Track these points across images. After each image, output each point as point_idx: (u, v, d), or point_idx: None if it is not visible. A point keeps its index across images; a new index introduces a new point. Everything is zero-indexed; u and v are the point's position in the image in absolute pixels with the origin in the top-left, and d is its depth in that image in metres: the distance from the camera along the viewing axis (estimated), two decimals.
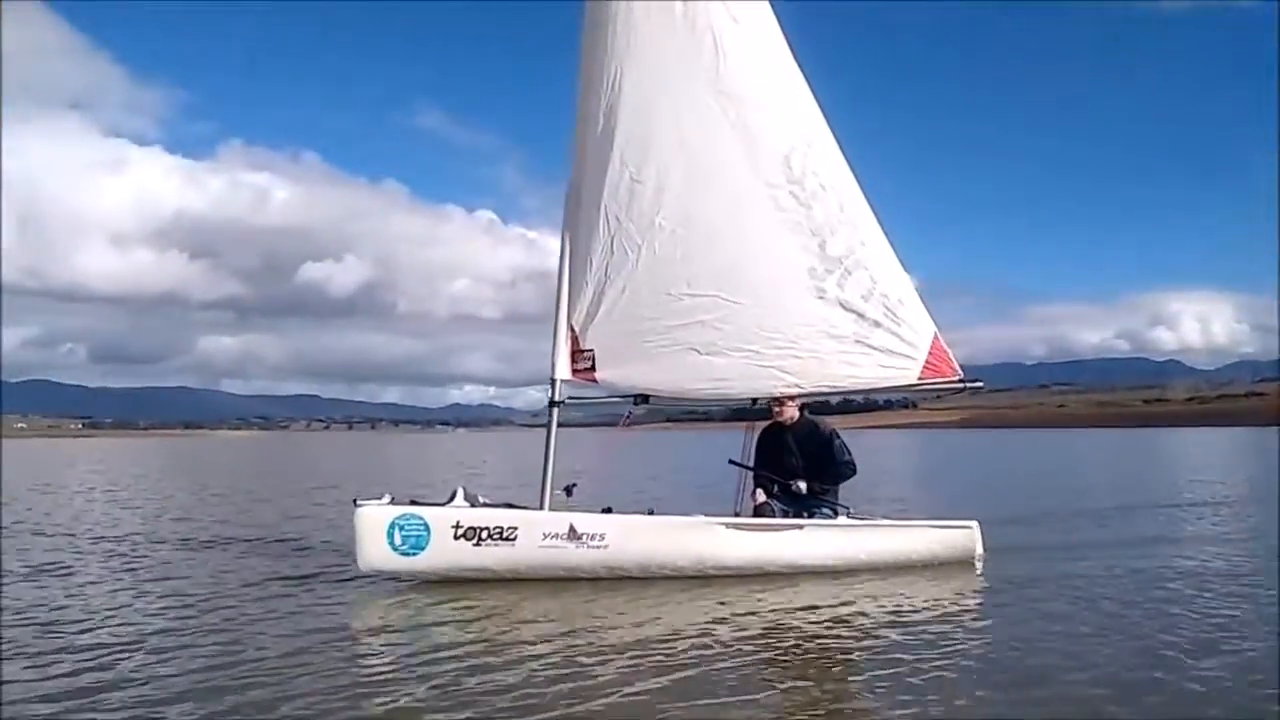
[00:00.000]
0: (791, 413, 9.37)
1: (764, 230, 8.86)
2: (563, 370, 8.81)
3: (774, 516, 9.04)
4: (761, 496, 9.19)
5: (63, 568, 9.60)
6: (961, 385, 9.11)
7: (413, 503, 8.21)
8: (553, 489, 8.53)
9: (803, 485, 9.15)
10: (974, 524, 9.31)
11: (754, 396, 9.11)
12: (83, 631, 6.76)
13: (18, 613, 7.35)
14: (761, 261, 8.86)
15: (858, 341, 8.90)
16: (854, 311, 8.91)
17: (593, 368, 8.81)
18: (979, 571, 9.04)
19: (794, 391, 8.96)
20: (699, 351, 8.79)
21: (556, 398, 8.79)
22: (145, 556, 10.37)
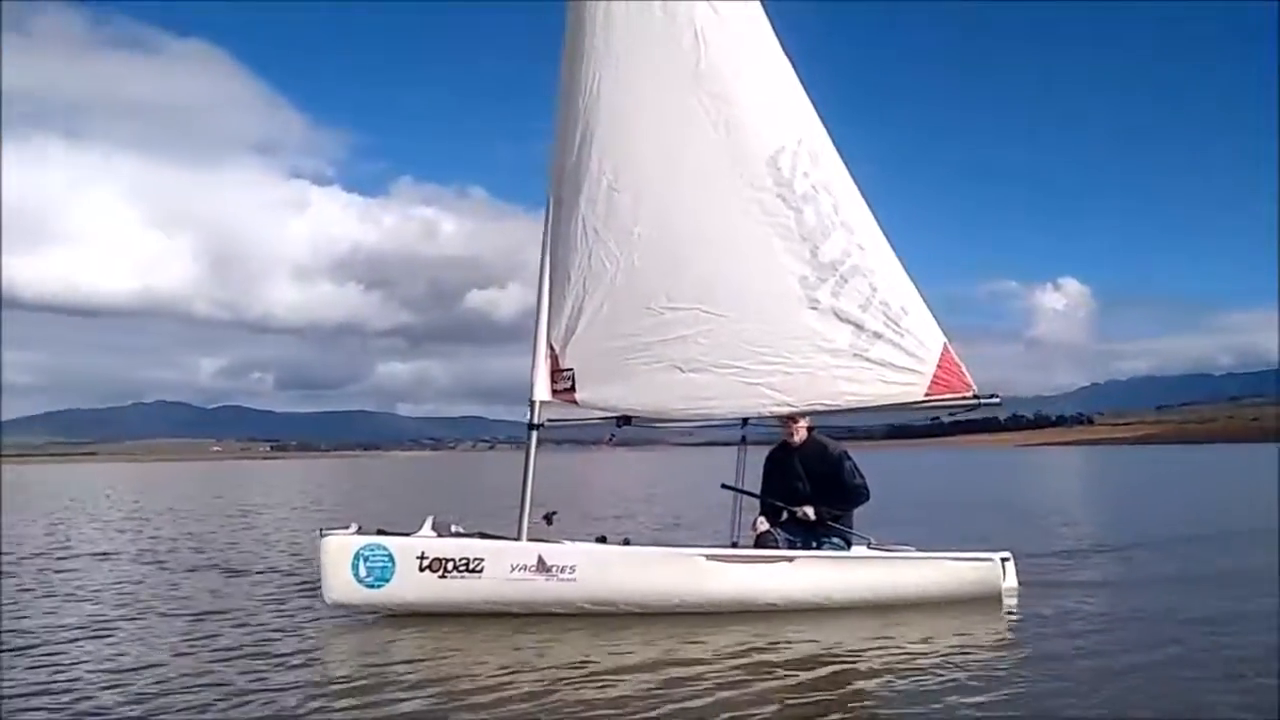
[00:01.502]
0: (800, 433, 8.70)
1: (749, 237, 8.25)
2: (541, 391, 8.40)
3: (777, 546, 8.37)
4: (764, 525, 8.53)
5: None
6: (976, 401, 8.23)
7: (379, 532, 7.97)
8: (530, 517, 8.15)
9: (810, 512, 8.46)
10: (996, 556, 8.36)
11: (740, 416, 8.49)
12: None
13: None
14: (747, 271, 8.25)
15: (855, 355, 8.17)
16: (851, 322, 8.19)
17: (572, 388, 8.36)
18: (1005, 610, 8.12)
19: (784, 410, 8.29)
20: (681, 369, 8.23)
21: (535, 420, 8.40)
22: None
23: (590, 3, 8.49)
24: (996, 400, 8.36)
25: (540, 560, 7.71)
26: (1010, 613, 8.08)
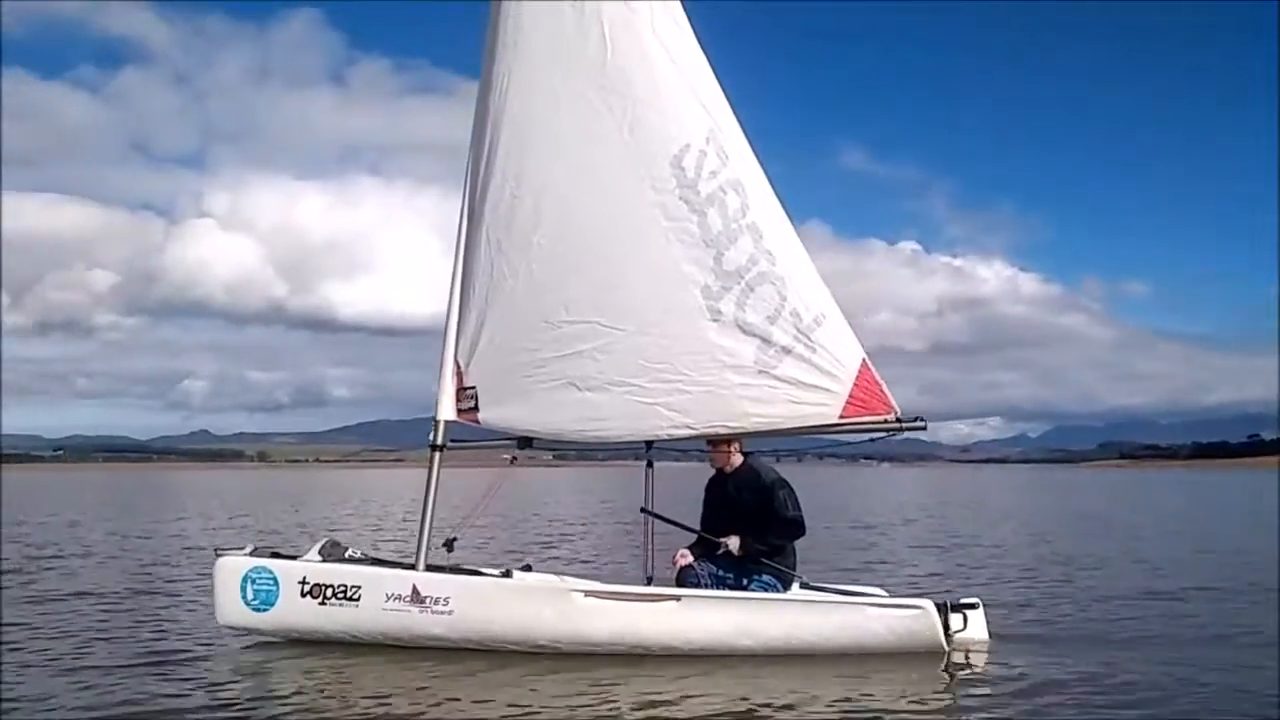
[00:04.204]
0: (733, 458, 7.84)
1: (649, 244, 7.53)
2: (447, 411, 7.99)
3: (698, 583, 7.55)
4: (686, 558, 7.72)
5: None
6: (898, 425, 7.03)
7: (272, 555, 7.88)
8: (429, 543, 7.79)
9: (733, 545, 7.58)
10: (929, 604, 7.16)
11: (638, 439, 7.72)
12: None
13: None
14: (646, 280, 7.53)
15: (761, 372, 7.27)
16: (757, 336, 7.28)
17: (475, 407, 7.93)
18: (943, 666, 6.93)
19: (683, 433, 7.47)
20: (577, 387, 7.61)
21: (439, 441, 8.01)
22: None
23: (506, 3, 8.06)
24: (921, 424, 7.12)
25: (415, 591, 7.33)
26: (946, 670, 6.96)
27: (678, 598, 7.18)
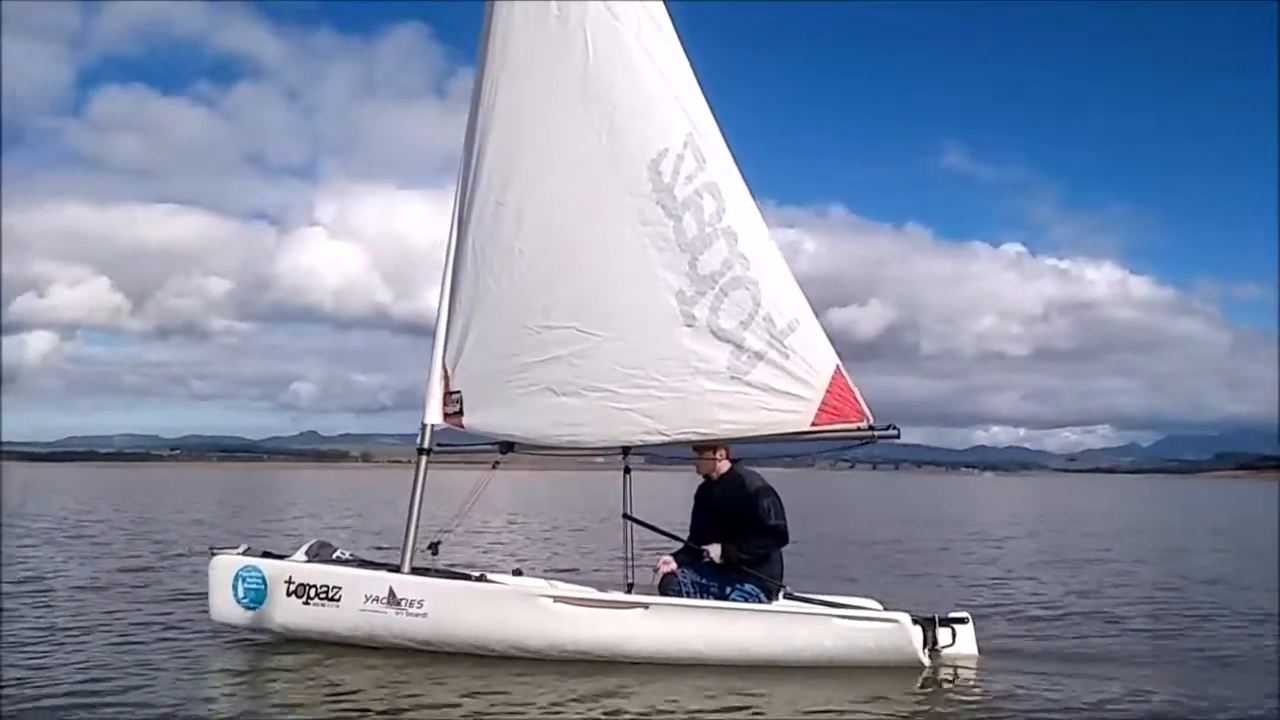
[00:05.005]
0: (719, 465, 7.73)
1: (626, 249, 7.49)
2: (434, 415, 8.06)
3: (680, 590, 7.46)
4: (669, 565, 7.63)
5: None
6: (870, 433, 6.81)
7: (264, 554, 8.05)
8: (415, 546, 7.87)
9: (714, 553, 7.46)
10: (904, 617, 6.95)
11: (612, 445, 7.68)
12: None
13: None
14: (621, 285, 7.50)
15: (734, 378, 7.16)
16: (730, 341, 7.18)
17: (460, 412, 7.99)
18: (919, 682, 6.72)
19: (656, 440, 7.40)
20: (555, 392, 7.62)
21: (426, 444, 8.09)
22: None
23: (498, 7, 8.09)
24: (894, 433, 6.88)
25: (391, 592, 7.42)
26: (924, 685, 6.81)
27: (645, 605, 7.11)
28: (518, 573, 8.39)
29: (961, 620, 7.41)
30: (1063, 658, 7.82)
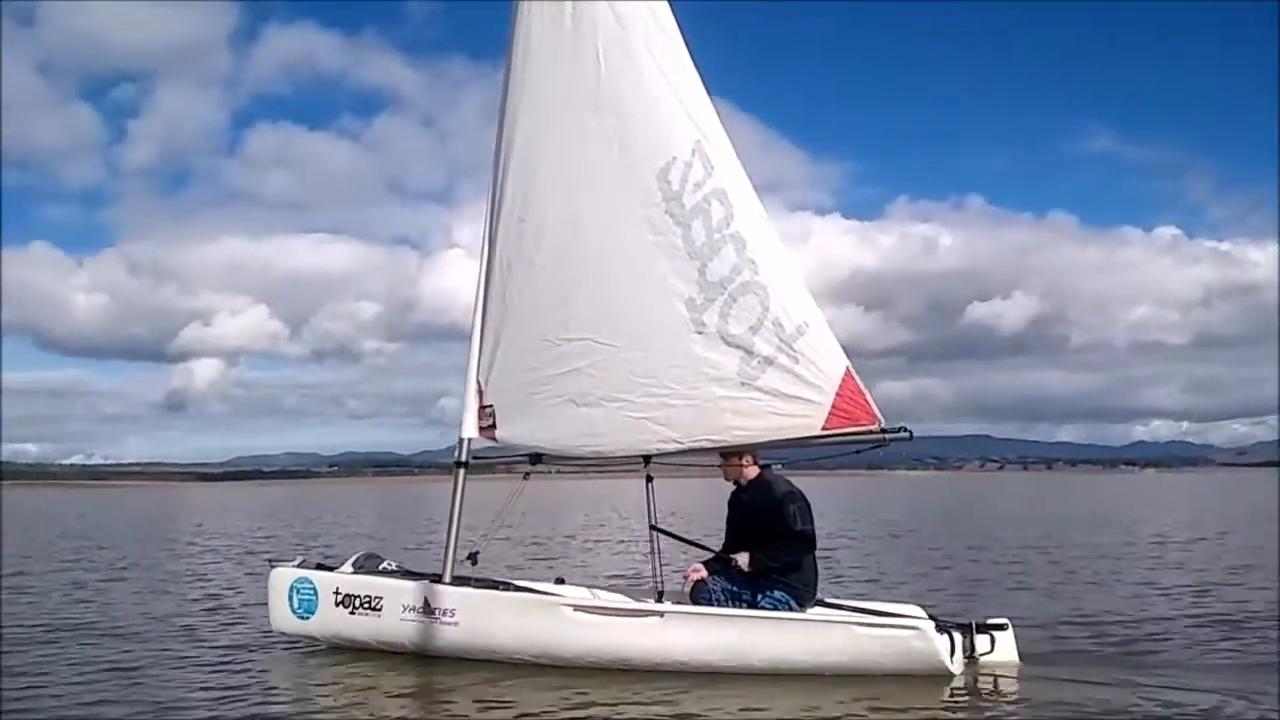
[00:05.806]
0: (746, 471, 7.69)
1: (637, 258, 7.55)
2: (470, 428, 8.27)
3: (711, 599, 7.45)
4: (700, 572, 7.62)
5: None
6: (881, 435, 6.63)
7: (318, 566, 8.43)
8: (455, 555, 8.08)
9: (742, 561, 7.42)
10: (926, 624, 6.74)
11: (631, 453, 7.71)
12: None
13: None
14: (634, 295, 7.56)
15: (744, 384, 7.12)
16: (740, 347, 7.16)
17: (493, 425, 8.17)
18: (947, 694, 6.49)
19: (672, 448, 7.40)
20: (575, 403, 7.73)
21: (463, 458, 8.29)
22: None
23: (520, 8, 8.19)
24: (906, 434, 6.67)
25: (426, 602, 7.65)
26: (955, 692, 6.61)
27: (661, 614, 7.10)
28: (560, 581, 8.50)
29: (1000, 626, 7.14)
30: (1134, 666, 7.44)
